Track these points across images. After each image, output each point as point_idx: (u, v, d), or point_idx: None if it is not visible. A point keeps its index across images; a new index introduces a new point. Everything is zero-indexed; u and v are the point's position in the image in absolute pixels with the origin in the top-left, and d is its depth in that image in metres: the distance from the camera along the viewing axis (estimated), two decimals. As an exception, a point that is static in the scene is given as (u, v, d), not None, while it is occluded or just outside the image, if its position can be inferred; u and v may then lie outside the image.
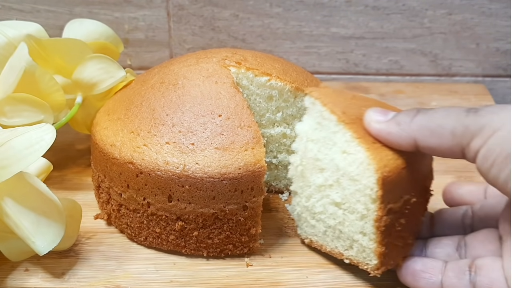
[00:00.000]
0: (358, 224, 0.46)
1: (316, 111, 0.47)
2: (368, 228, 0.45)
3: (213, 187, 0.49)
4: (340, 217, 0.47)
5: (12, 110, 0.55)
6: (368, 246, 0.45)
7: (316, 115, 0.48)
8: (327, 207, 0.48)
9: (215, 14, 0.80)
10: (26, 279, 0.49)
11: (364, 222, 0.45)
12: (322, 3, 0.79)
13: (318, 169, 0.48)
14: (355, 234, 0.46)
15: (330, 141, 0.46)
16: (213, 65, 0.56)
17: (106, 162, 0.53)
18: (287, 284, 0.49)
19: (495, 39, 0.81)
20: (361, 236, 0.46)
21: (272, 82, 0.55)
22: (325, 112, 0.46)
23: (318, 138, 0.47)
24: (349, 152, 0.44)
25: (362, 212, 0.45)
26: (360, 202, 0.44)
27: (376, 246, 0.44)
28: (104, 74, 0.58)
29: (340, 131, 0.45)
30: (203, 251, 0.51)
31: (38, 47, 0.57)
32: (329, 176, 0.47)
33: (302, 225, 0.52)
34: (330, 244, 0.49)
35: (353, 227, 0.46)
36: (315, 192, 0.49)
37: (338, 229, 0.48)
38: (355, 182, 0.44)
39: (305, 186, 0.50)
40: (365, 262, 0.47)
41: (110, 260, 0.51)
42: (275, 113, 0.57)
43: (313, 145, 0.48)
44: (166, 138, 0.50)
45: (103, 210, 0.56)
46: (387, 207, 0.43)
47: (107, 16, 0.80)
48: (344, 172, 0.45)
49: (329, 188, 0.47)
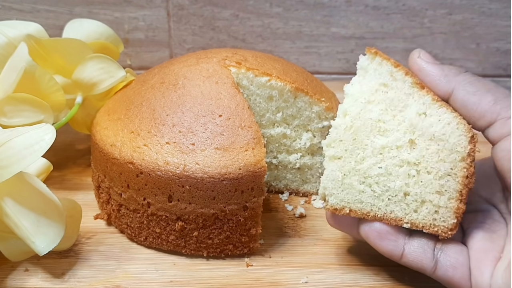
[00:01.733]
0: (435, 183, 0.45)
1: (384, 72, 0.46)
2: (450, 186, 0.45)
3: (214, 187, 0.49)
4: (410, 177, 0.46)
5: (12, 110, 0.55)
6: (447, 205, 0.45)
7: (383, 76, 0.46)
8: (390, 169, 0.47)
9: (215, 14, 0.80)
10: (26, 279, 0.49)
11: (445, 181, 0.45)
12: (322, 3, 0.79)
13: (378, 131, 0.47)
14: (429, 194, 0.46)
15: (401, 102, 0.46)
16: (214, 65, 0.56)
17: (106, 162, 0.53)
18: (287, 284, 0.49)
19: (495, 39, 0.81)
20: (437, 196, 0.46)
21: (272, 82, 0.55)
22: (399, 73, 0.46)
23: (383, 99, 0.46)
24: (430, 114, 0.45)
25: (445, 171, 0.45)
26: (445, 161, 0.45)
27: (458, 204, 0.45)
28: (104, 74, 0.58)
29: (415, 94, 0.45)
30: (203, 251, 0.51)
31: (38, 47, 0.57)
32: (399, 137, 0.46)
33: (340, 193, 0.48)
34: (383, 209, 0.47)
35: (427, 187, 0.46)
36: (372, 155, 0.47)
37: (403, 191, 0.47)
38: (441, 142, 0.45)
39: (356, 149, 0.47)
40: (436, 224, 0.46)
41: (110, 260, 0.51)
42: (275, 113, 0.57)
43: (374, 107, 0.47)
44: (166, 138, 0.50)
45: (103, 210, 0.56)
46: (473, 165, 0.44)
47: (107, 16, 0.80)
48: (424, 132, 0.45)
49: (397, 149, 0.46)
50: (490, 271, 0.42)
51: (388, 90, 0.46)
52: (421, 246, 0.45)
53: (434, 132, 0.45)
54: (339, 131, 0.47)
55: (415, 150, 0.46)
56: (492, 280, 0.42)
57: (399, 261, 0.46)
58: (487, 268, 0.43)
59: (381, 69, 0.46)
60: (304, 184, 0.61)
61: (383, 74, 0.46)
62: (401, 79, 0.46)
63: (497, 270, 0.42)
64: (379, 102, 0.46)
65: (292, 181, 0.61)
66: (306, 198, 0.61)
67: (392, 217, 0.47)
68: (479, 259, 0.44)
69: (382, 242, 0.46)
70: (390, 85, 0.46)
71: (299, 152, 0.59)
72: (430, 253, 0.45)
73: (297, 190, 0.61)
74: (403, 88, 0.46)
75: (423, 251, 0.45)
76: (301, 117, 0.57)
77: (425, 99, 0.45)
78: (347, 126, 0.47)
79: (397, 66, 0.46)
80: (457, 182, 0.45)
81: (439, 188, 0.45)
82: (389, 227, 0.46)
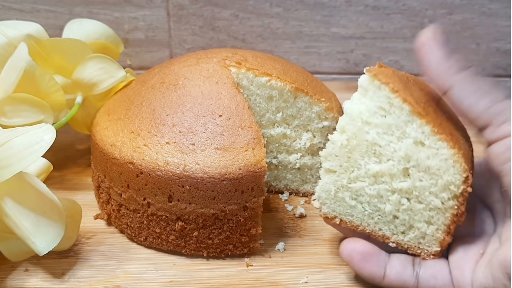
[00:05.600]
0: (425, 214, 0.45)
1: (382, 96, 0.45)
2: (439, 219, 0.45)
3: (214, 187, 0.49)
4: (402, 204, 0.46)
5: (12, 110, 0.55)
6: (433, 235, 0.46)
7: (381, 100, 0.45)
8: (382, 193, 0.47)
9: (215, 14, 0.80)
10: (26, 279, 0.49)
11: (435, 213, 0.45)
12: (322, 3, 0.79)
13: (374, 154, 0.46)
14: (418, 222, 0.46)
15: (399, 130, 0.45)
16: (214, 65, 0.56)
17: (106, 162, 0.53)
18: (287, 284, 0.49)
19: (495, 39, 0.81)
20: (425, 224, 0.46)
21: (272, 82, 0.55)
22: (396, 100, 0.44)
23: (381, 123, 0.45)
24: (429, 146, 0.44)
25: (435, 204, 0.45)
26: (436, 195, 0.44)
27: (445, 236, 0.45)
28: (104, 74, 0.58)
29: (414, 122, 0.44)
30: (203, 251, 0.51)
31: (38, 47, 0.57)
32: (394, 165, 0.45)
33: (333, 204, 0.49)
34: (372, 226, 0.48)
35: (416, 215, 0.46)
36: (365, 176, 0.47)
37: (392, 214, 0.47)
38: (435, 176, 0.44)
39: (350, 167, 0.47)
40: (420, 247, 0.47)
41: (110, 260, 0.51)
42: (275, 113, 0.57)
43: (371, 129, 0.46)
44: (166, 138, 0.50)
45: (103, 210, 0.56)
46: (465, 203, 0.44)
47: (107, 16, 0.80)
48: (419, 163, 0.44)
49: (390, 176, 0.46)
50: (470, 269, 0.43)
51: (386, 114, 0.45)
52: (401, 263, 0.46)
53: (429, 165, 0.44)
54: (335, 147, 0.47)
55: (408, 180, 0.45)
56: (473, 276, 0.43)
57: (381, 282, 0.46)
58: (468, 266, 0.43)
59: (379, 93, 0.45)
60: (304, 184, 0.61)
61: (381, 98, 0.45)
62: (398, 106, 0.44)
63: (479, 267, 0.43)
64: (377, 125, 0.45)
65: (292, 181, 0.61)
66: (306, 198, 0.61)
67: (379, 234, 0.48)
68: (459, 259, 0.44)
69: (365, 264, 0.46)
70: (388, 110, 0.45)
71: (299, 152, 0.59)
72: (410, 269, 0.46)
73: (297, 190, 0.61)
74: (401, 115, 0.44)
75: (403, 268, 0.46)
76: (301, 117, 0.57)
77: (424, 128, 0.44)
78: (343, 144, 0.47)
79: (395, 92, 0.44)
80: (446, 217, 0.45)
81: (428, 218, 0.46)
82: (370, 248, 0.46)
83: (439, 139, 0.43)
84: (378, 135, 0.46)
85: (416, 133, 0.44)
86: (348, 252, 0.46)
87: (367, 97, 0.46)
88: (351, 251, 0.46)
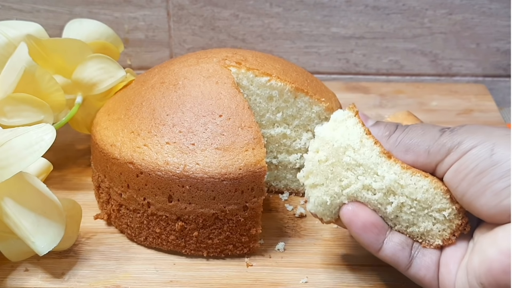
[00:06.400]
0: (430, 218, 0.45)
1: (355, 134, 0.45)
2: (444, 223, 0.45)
3: (214, 187, 0.49)
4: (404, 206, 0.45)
5: (12, 110, 0.55)
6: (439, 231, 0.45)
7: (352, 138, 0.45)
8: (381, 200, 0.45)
9: (215, 14, 0.80)
10: (26, 279, 0.49)
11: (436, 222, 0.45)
12: (322, 3, 0.79)
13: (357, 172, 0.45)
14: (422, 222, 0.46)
15: (371, 170, 0.45)
16: (214, 65, 0.56)
17: (106, 162, 0.53)
18: (287, 284, 0.49)
19: (495, 39, 0.81)
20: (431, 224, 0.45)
21: (272, 82, 0.55)
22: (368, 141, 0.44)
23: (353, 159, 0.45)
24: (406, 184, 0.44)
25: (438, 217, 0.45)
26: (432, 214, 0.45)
27: (450, 237, 0.45)
28: (104, 74, 0.58)
29: (383, 163, 0.44)
30: (203, 251, 0.51)
31: (38, 47, 0.57)
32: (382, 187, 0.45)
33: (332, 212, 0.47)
34: None
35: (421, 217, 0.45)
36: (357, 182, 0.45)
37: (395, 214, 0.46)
38: (425, 205, 0.44)
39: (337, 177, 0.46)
40: (423, 238, 0.46)
41: (110, 260, 0.51)
42: (275, 113, 0.57)
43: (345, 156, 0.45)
44: (166, 138, 0.50)
45: (103, 210, 0.56)
46: None
47: (107, 16, 0.80)
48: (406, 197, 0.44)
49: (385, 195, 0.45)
50: (455, 269, 0.43)
51: (355, 154, 0.45)
52: (401, 243, 0.45)
53: (415, 199, 0.44)
54: (314, 163, 0.46)
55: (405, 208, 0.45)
56: (456, 277, 0.43)
57: (376, 253, 0.45)
58: (453, 266, 0.43)
59: (352, 131, 0.45)
60: (304, 184, 0.61)
61: (353, 136, 0.45)
62: (369, 146, 0.44)
63: (460, 269, 0.43)
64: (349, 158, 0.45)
65: (292, 181, 0.61)
66: (306, 198, 0.61)
67: None
68: (448, 256, 0.44)
69: (365, 233, 0.45)
70: (358, 151, 0.45)
71: (299, 152, 0.59)
72: (408, 251, 0.45)
73: (297, 190, 0.61)
74: (370, 157, 0.44)
75: (401, 248, 0.45)
76: (301, 117, 0.57)
77: (395, 168, 0.44)
78: (321, 159, 0.46)
79: (368, 134, 0.45)
80: (450, 225, 0.45)
81: (434, 220, 0.45)
82: (374, 218, 0.45)
83: (412, 174, 0.44)
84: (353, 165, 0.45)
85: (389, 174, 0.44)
86: (349, 216, 0.45)
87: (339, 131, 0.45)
88: (353, 215, 0.45)
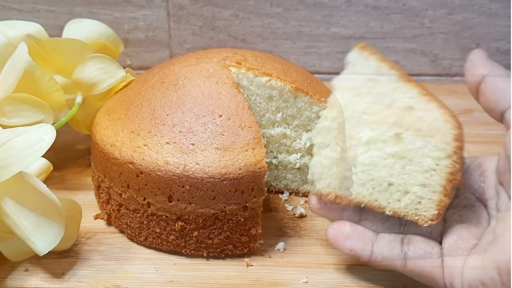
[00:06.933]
0: (420, 177, 0.46)
1: (371, 66, 0.46)
2: (434, 180, 0.45)
3: (214, 187, 0.49)
4: (395, 169, 0.46)
5: (12, 110, 0.55)
6: (430, 197, 0.46)
7: (369, 71, 0.47)
8: (375, 160, 0.47)
9: (215, 14, 0.80)
10: (26, 279, 0.49)
11: (429, 175, 0.45)
12: (322, 3, 0.79)
13: (365, 123, 0.47)
14: (413, 186, 0.46)
15: (388, 97, 0.46)
16: (214, 65, 0.56)
17: (106, 162, 0.53)
18: (287, 284, 0.49)
19: (495, 39, 0.81)
20: (421, 188, 0.46)
21: (272, 82, 0.55)
22: (384, 68, 0.46)
23: (370, 93, 0.46)
24: (418, 109, 0.45)
25: (430, 165, 0.45)
26: (429, 156, 0.45)
27: (442, 198, 0.45)
28: (104, 74, 0.58)
29: (401, 87, 0.45)
30: (203, 251, 0.51)
31: (38, 47, 0.57)
32: (385, 131, 0.46)
33: (327, 179, 0.49)
34: (367, 196, 0.48)
35: (411, 179, 0.46)
36: (358, 145, 0.47)
37: (387, 181, 0.47)
38: (426, 138, 0.45)
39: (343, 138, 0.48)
40: (417, 213, 0.46)
41: (110, 260, 0.51)
42: (275, 113, 0.57)
43: (361, 100, 0.47)
44: (166, 138, 0.50)
45: (103, 210, 0.56)
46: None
47: (107, 16, 0.80)
48: (410, 127, 0.45)
49: (382, 143, 0.46)
50: (463, 257, 0.43)
51: (375, 84, 0.46)
52: (389, 243, 0.46)
53: (420, 128, 0.45)
54: (328, 121, 0.48)
55: (400, 144, 0.46)
56: (464, 264, 0.43)
57: (369, 261, 0.46)
58: (460, 254, 0.43)
59: (368, 64, 0.46)
60: (304, 184, 0.61)
61: (369, 69, 0.46)
62: (386, 73, 0.46)
63: (471, 256, 0.43)
64: (366, 96, 0.47)
65: (292, 181, 0.61)
66: (306, 198, 0.61)
67: (375, 205, 0.47)
68: (453, 245, 0.44)
69: (351, 243, 0.46)
70: (376, 80, 0.46)
71: (299, 152, 0.59)
72: (398, 249, 0.46)
73: (297, 190, 0.61)
74: (389, 82, 0.46)
75: (391, 248, 0.46)
76: (301, 117, 0.57)
77: (412, 92, 0.45)
78: (335, 116, 0.47)
79: (382, 61, 0.46)
80: (441, 177, 0.45)
81: (423, 181, 0.46)
82: (356, 228, 0.47)
83: (428, 101, 0.44)
84: (368, 104, 0.46)
85: (404, 97, 0.45)
86: (333, 234, 0.47)
87: (356, 70, 0.47)
88: (337, 232, 0.47)
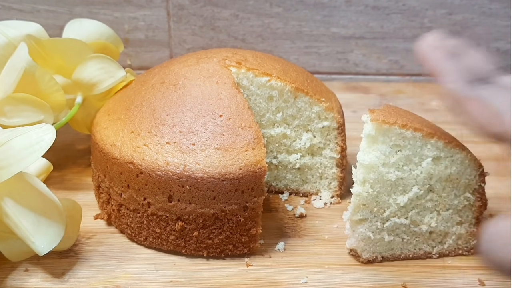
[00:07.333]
0: (455, 217, 0.50)
1: (395, 135, 0.48)
2: (468, 216, 0.50)
3: (214, 187, 0.49)
4: (434, 218, 0.50)
5: (12, 110, 0.55)
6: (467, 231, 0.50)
7: (394, 139, 0.48)
8: (414, 217, 0.50)
9: (215, 14, 0.80)
10: (26, 279, 0.49)
11: (463, 213, 0.50)
12: (322, 3, 0.79)
13: (400, 189, 0.49)
14: (451, 227, 0.50)
15: (416, 156, 0.48)
16: (214, 65, 0.56)
17: (106, 162, 0.53)
18: (287, 284, 0.49)
19: (495, 39, 0.81)
20: (458, 226, 0.50)
21: (272, 82, 0.55)
22: (407, 132, 0.47)
23: (399, 158, 0.48)
24: (445, 157, 0.48)
25: (462, 204, 0.50)
26: (460, 196, 0.49)
27: (477, 228, 0.50)
28: (104, 74, 0.58)
29: (428, 143, 0.48)
30: (203, 251, 0.51)
31: (38, 47, 0.57)
32: (419, 190, 0.48)
33: (371, 247, 0.51)
34: (412, 250, 0.51)
35: (448, 222, 0.50)
36: (396, 210, 0.49)
37: (428, 231, 0.50)
38: (455, 181, 0.49)
39: (380, 209, 0.49)
40: (461, 247, 0.51)
41: (110, 260, 0.51)
42: (275, 113, 0.57)
43: (390, 168, 0.48)
44: (166, 138, 0.50)
45: (103, 210, 0.56)
46: None
47: (107, 16, 0.80)
48: (440, 176, 0.48)
49: (418, 199, 0.49)
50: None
51: (401, 149, 0.48)
52: None
53: (449, 174, 0.48)
54: (361, 198, 0.49)
55: (433, 194, 0.49)
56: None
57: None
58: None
59: (389, 134, 0.48)
60: (304, 184, 0.61)
61: (393, 137, 0.48)
62: (411, 137, 0.47)
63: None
64: (395, 162, 0.48)
65: (292, 181, 0.61)
66: (306, 198, 0.61)
67: (421, 253, 0.51)
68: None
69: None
70: (401, 145, 0.48)
71: (299, 152, 0.59)
72: None
73: (297, 190, 0.61)
74: (415, 143, 0.48)
75: None
76: (301, 117, 0.57)
77: (438, 144, 0.48)
78: (368, 193, 0.48)
79: (404, 127, 0.47)
80: (473, 211, 0.50)
81: (458, 220, 0.50)
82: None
83: (452, 147, 0.48)
84: (398, 170, 0.48)
85: (432, 152, 0.48)
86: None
87: (379, 142, 0.48)
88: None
